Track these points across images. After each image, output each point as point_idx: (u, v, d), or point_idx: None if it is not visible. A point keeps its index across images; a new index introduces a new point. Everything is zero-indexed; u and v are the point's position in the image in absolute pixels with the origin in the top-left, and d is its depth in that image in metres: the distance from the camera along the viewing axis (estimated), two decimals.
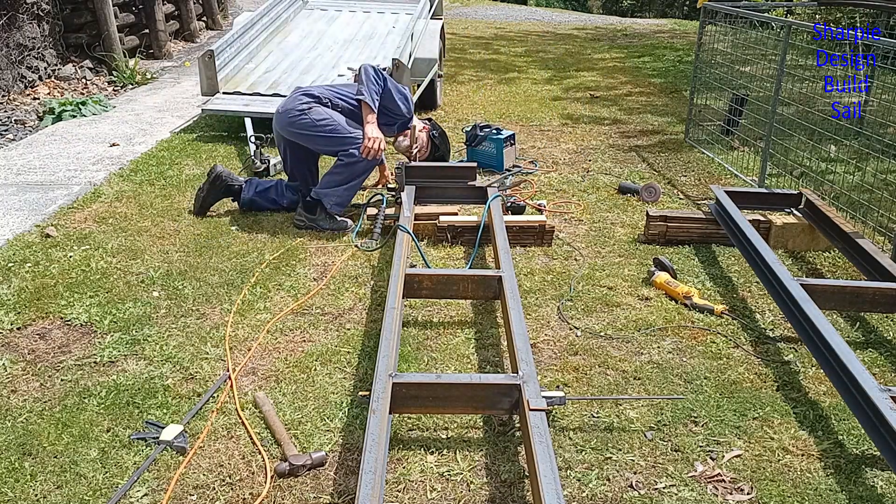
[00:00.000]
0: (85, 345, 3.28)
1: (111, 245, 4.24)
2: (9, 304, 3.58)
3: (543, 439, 2.31)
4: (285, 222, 4.63)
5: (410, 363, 3.15)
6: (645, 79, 9.42)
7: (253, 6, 11.49)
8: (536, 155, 6.06)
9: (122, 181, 5.28)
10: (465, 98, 8.08)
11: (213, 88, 6.48)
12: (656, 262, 3.97)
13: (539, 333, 3.41)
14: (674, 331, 3.47)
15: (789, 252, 4.31)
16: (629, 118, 7.42)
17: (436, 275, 3.48)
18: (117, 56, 8.62)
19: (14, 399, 2.91)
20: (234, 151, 6.01)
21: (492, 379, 2.65)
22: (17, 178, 5.32)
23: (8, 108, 7.19)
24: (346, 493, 2.45)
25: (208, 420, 2.80)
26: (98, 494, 2.44)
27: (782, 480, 2.55)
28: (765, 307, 3.71)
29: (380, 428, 2.37)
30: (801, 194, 4.51)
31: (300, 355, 3.23)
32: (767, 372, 3.16)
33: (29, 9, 7.73)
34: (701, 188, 5.36)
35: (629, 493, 2.48)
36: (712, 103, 6.45)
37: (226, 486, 2.49)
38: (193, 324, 3.47)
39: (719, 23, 6.07)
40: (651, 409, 2.90)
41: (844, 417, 2.85)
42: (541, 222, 4.31)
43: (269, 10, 7.78)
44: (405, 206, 4.28)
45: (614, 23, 15.57)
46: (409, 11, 8.27)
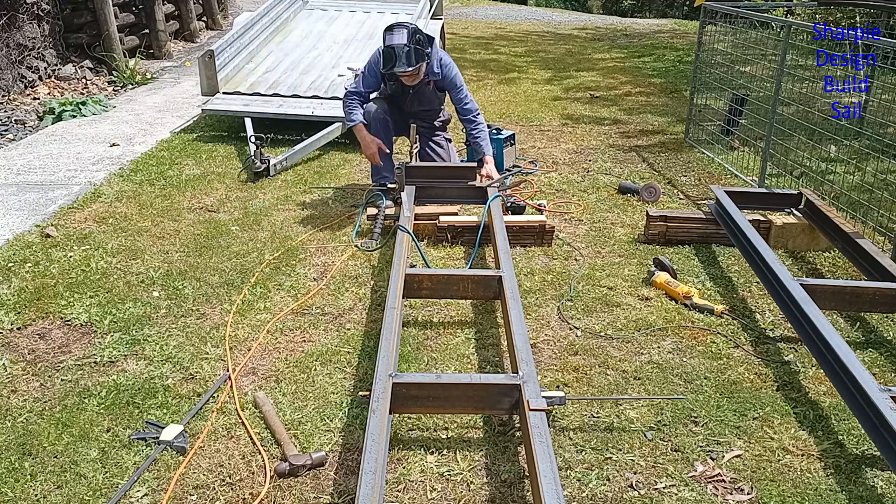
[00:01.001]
0: (85, 345, 3.28)
1: (111, 245, 4.24)
2: (9, 304, 3.58)
3: (543, 439, 2.31)
4: (285, 222, 4.63)
5: (410, 363, 3.15)
6: (645, 79, 9.42)
7: (253, 6, 11.49)
8: (536, 155, 6.06)
9: (122, 181, 5.28)
10: None
11: (213, 88, 6.48)
12: (656, 262, 3.97)
13: (539, 333, 3.41)
14: (674, 331, 3.47)
15: (789, 252, 4.31)
16: (629, 118, 7.42)
17: (436, 275, 3.48)
18: (117, 56, 8.62)
19: (14, 399, 2.91)
20: (234, 151, 6.01)
21: (492, 379, 2.65)
22: (18, 178, 5.32)
23: (8, 108, 7.19)
24: (346, 493, 2.45)
25: (208, 420, 2.80)
26: (98, 494, 2.44)
27: (782, 480, 2.55)
28: (765, 307, 3.71)
29: (380, 428, 2.37)
30: (801, 194, 4.51)
31: (300, 355, 3.23)
32: (767, 372, 3.16)
33: (29, 9, 7.74)
34: (701, 188, 5.36)
35: (629, 493, 2.48)
36: (712, 103, 6.46)
37: (226, 486, 2.49)
38: (193, 324, 3.47)
39: (719, 23, 6.07)
40: (651, 409, 2.90)
41: (844, 417, 2.85)
42: (541, 222, 4.31)
43: (269, 10, 7.78)
44: (405, 206, 4.28)
45: (614, 23, 15.57)
46: (409, 11, 8.27)
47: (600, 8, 22.91)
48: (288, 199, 5.01)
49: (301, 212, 4.81)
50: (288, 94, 6.49)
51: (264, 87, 6.62)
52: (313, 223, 4.62)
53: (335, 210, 4.83)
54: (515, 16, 16.19)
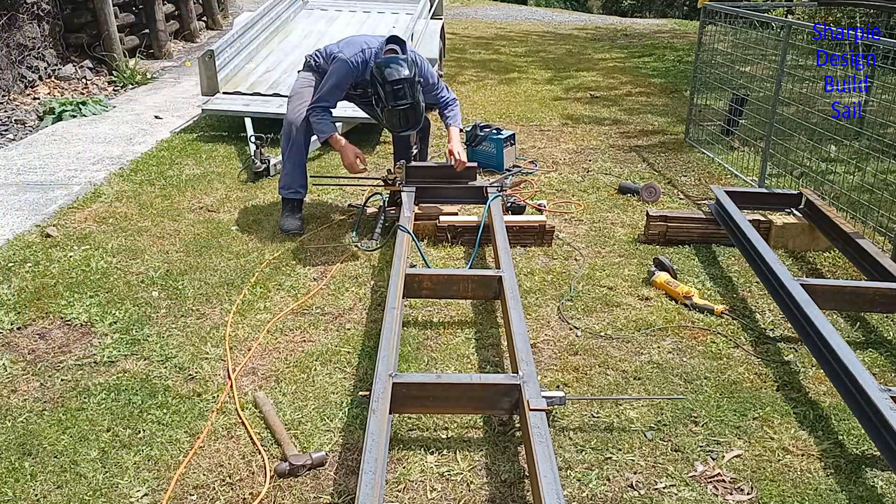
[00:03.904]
0: (85, 345, 3.28)
1: (111, 245, 4.24)
2: (9, 304, 3.58)
3: (543, 439, 2.31)
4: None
5: (410, 363, 3.15)
6: (645, 79, 9.42)
7: (253, 6, 11.49)
8: (536, 155, 6.06)
9: (122, 181, 5.28)
10: (466, 98, 8.07)
11: (214, 88, 6.48)
12: (656, 262, 3.97)
13: (539, 333, 3.41)
14: (674, 331, 3.47)
15: (789, 252, 4.31)
16: (629, 118, 7.42)
17: (436, 275, 3.48)
18: (117, 56, 8.62)
19: (14, 399, 2.91)
20: (234, 151, 6.01)
21: (492, 379, 2.65)
22: (18, 178, 5.32)
23: (8, 108, 7.19)
24: (346, 493, 2.45)
25: (208, 420, 2.80)
26: (98, 494, 2.44)
27: (782, 480, 2.55)
28: (765, 307, 3.71)
29: (380, 428, 2.37)
30: (801, 194, 4.51)
31: (300, 355, 3.23)
32: (767, 372, 3.16)
33: (29, 9, 7.73)
34: (701, 188, 5.36)
35: (629, 493, 2.48)
36: (713, 103, 6.46)
37: (226, 486, 2.49)
38: (193, 324, 3.47)
39: (719, 23, 6.06)
40: (651, 409, 2.90)
41: (844, 417, 2.85)
42: (541, 222, 4.31)
43: (269, 10, 7.78)
44: (405, 206, 4.28)
45: (614, 23, 15.57)
46: (409, 11, 8.27)
47: (600, 8, 22.91)
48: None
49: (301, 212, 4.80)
50: (288, 94, 6.48)
51: (264, 87, 6.62)
52: (313, 223, 4.62)
53: (335, 210, 4.82)
54: (515, 16, 16.19)
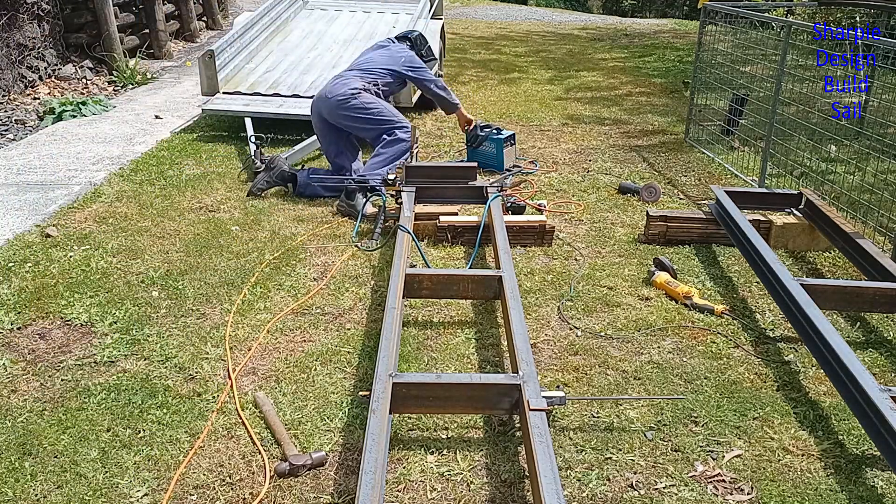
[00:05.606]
0: (85, 345, 3.28)
1: (111, 245, 4.24)
2: (9, 304, 3.58)
3: (543, 439, 2.31)
4: (285, 222, 4.63)
5: (410, 363, 3.15)
6: (646, 79, 9.42)
7: (253, 6, 11.50)
8: (537, 155, 6.06)
9: (122, 181, 5.28)
10: (466, 98, 8.07)
11: (214, 88, 6.48)
12: (656, 262, 3.97)
13: (539, 333, 3.41)
14: (674, 331, 3.47)
15: (789, 252, 4.31)
16: (630, 118, 7.42)
17: (436, 275, 3.48)
18: (117, 56, 8.62)
19: (14, 399, 2.91)
20: (234, 151, 6.01)
21: (492, 379, 2.65)
22: (18, 178, 5.32)
23: (8, 107, 7.20)
24: (346, 493, 2.45)
25: (208, 420, 2.80)
26: (98, 494, 2.44)
27: (782, 480, 2.55)
28: (765, 307, 3.71)
29: (380, 428, 2.37)
30: (801, 194, 4.51)
31: (300, 355, 3.23)
32: (767, 372, 3.16)
33: (29, 9, 7.74)
34: (701, 188, 5.36)
35: (629, 493, 2.48)
36: (713, 103, 6.45)
37: (226, 486, 2.49)
38: (193, 324, 3.47)
39: (720, 23, 6.06)
40: (651, 409, 2.90)
41: (844, 417, 2.85)
42: (541, 222, 4.31)
43: (269, 10, 7.78)
44: (405, 206, 4.28)
45: (615, 23, 15.57)
46: (410, 11, 8.27)
47: (600, 8, 22.92)
48: (288, 199, 5.01)
49: (301, 212, 4.81)
50: (288, 94, 6.50)
51: (264, 87, 6.62)
52: (313, 223, 4.62)
53: (335, 210, 4.82)
54: (516, 16, 16.19)
